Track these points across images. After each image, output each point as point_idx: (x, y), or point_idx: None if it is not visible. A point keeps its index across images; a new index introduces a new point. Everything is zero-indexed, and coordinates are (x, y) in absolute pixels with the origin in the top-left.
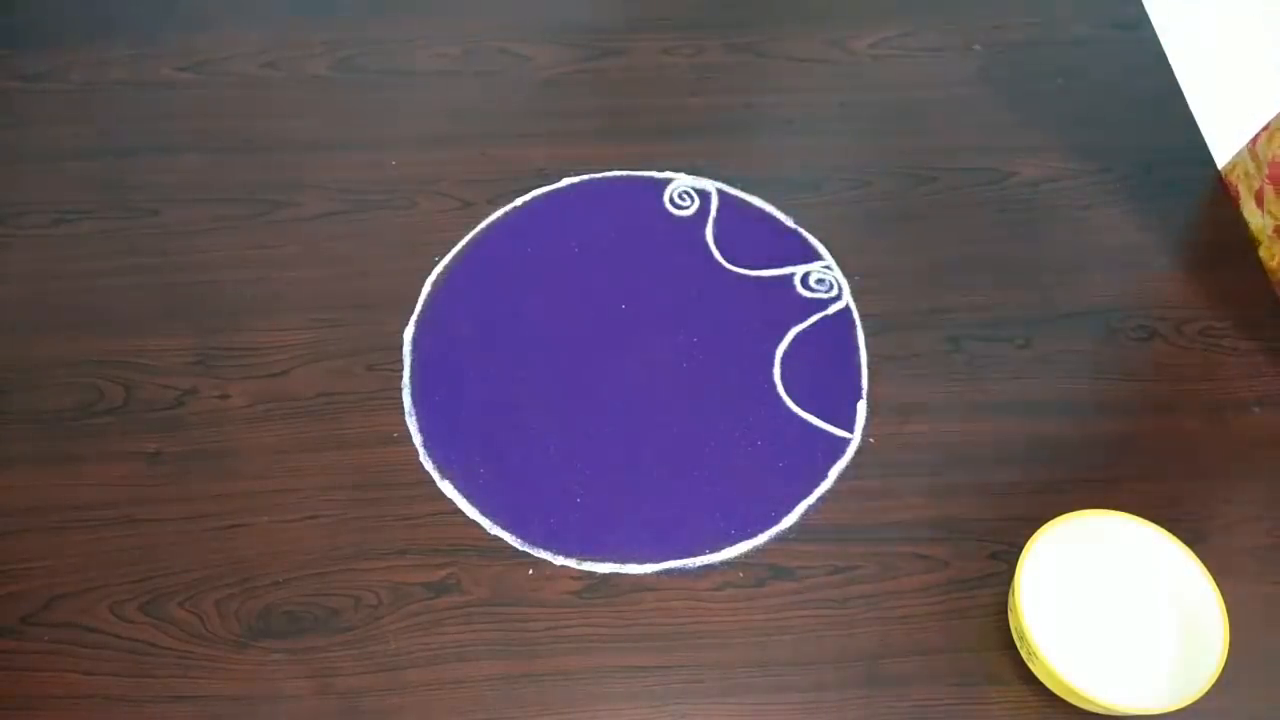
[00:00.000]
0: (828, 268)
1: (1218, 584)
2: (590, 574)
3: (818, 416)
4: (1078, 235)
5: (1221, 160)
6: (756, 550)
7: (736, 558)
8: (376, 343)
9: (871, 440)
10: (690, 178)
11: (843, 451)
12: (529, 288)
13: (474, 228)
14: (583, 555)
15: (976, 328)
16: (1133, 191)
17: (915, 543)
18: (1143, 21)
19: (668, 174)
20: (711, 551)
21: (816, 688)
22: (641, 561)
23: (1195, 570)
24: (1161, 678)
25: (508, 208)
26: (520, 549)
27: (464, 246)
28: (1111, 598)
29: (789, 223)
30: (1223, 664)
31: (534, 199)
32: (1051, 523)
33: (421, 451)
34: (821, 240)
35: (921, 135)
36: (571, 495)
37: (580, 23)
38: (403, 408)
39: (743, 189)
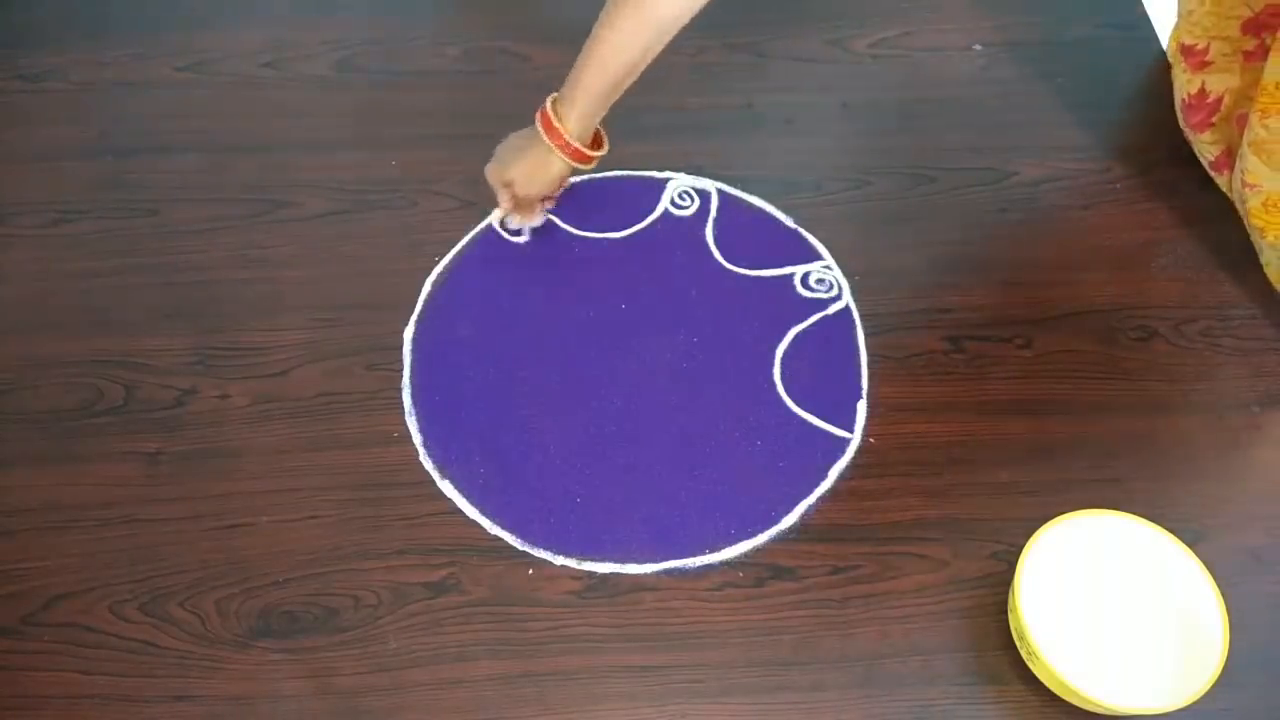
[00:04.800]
0: (828, 267)
1: (1218, 584)
2: (590, 574)
3: (818, 416)
4: (1078, 235)
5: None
6: (756, 550)
7: (736, 558)
8: (376, 343)
9: (871, 440)
10: (690, 178)
11: (843, 451)
12: (529, 288)
13: (474, 228)
14: (583, 555)
15: (976, 328)
16: (1133, 191)
17: (915, 543)
18: (1143, 21)
19: (668, 174)
20: (711, 551)
21: (816, 687)
22: (641, 561)
23: (1195, 570)
24: (1162, 677)
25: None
26: (520, 549)
27: (464, 246)
28: (1111, 597)
29: (789, 223)
30: (1223, 664)
31: None
32: (1051, 522)
33: (421, 451)
34: (821, 240)
35: (921, 135)
36: (571, 495)
37: (580, 23)
38: (403, 408)
39: (743, 189)
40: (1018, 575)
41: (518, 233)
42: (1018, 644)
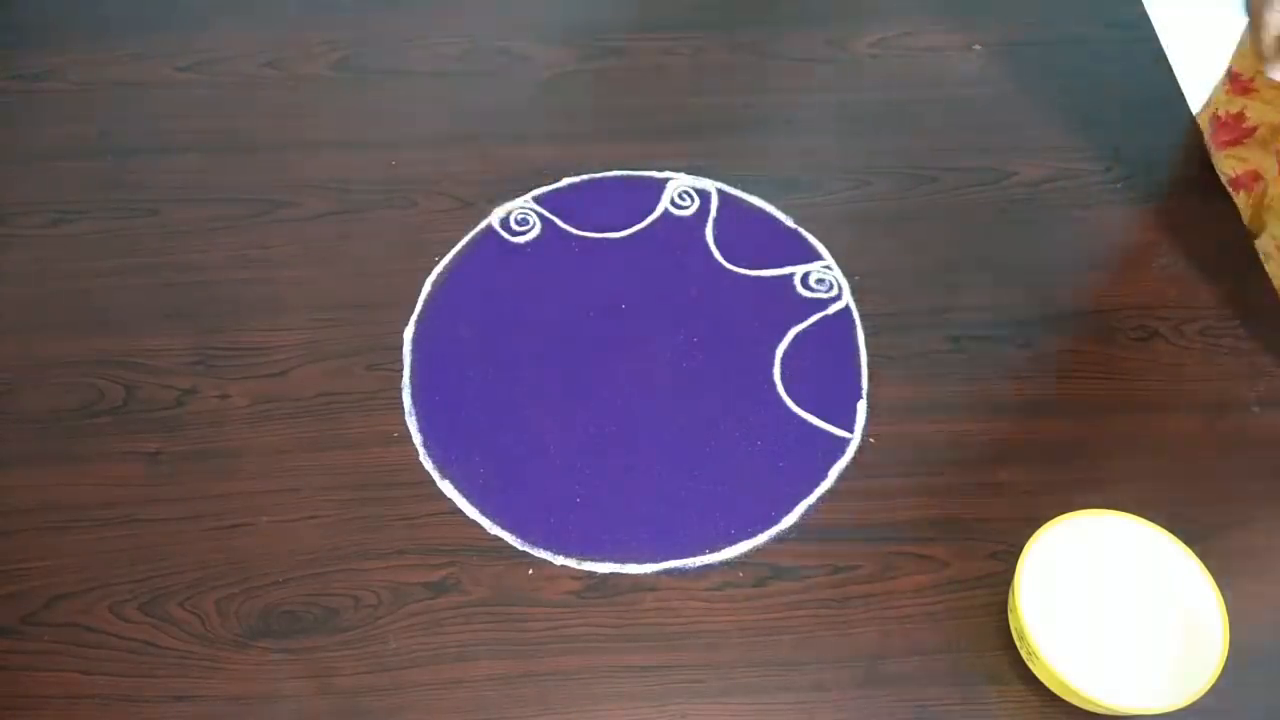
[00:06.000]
0: (828, 267)
1: (1218, 584)
2: (590, 574)
3: (818, 416)
4: (1078, 235)
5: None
6: (756, 550)
7: (736, 558)
8: (376, 343)
9: (871, 440)
10: (690, 178)
11: (843, 451)
12: (528, 288)
13: (474, 228)
14: (583, 555)
15: (976, 328)
16: (1133, 191)
17: (915, 543)
18: (1143, 21)
19: (668, 174)
20: (711, 551)
21: (816, 688)
22: (641, 561)
23: (1195, 570)
24: (1162, 677)
25: (508, 207)
26: (520, 549)
27: (464, 246)
28: (1111, 598)
29: (789, 222)
30: (1223, 664)
31: (534, 199)
32: (1051, 522)
33: (421, 451)
34: (821, 240)
35: (921, 135)
36: (571, 495)
37: (580, 23)
38: (403, 408)
39: (743, 189)
40: (1018, 575)
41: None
42: (1018, 644)
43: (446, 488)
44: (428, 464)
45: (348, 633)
